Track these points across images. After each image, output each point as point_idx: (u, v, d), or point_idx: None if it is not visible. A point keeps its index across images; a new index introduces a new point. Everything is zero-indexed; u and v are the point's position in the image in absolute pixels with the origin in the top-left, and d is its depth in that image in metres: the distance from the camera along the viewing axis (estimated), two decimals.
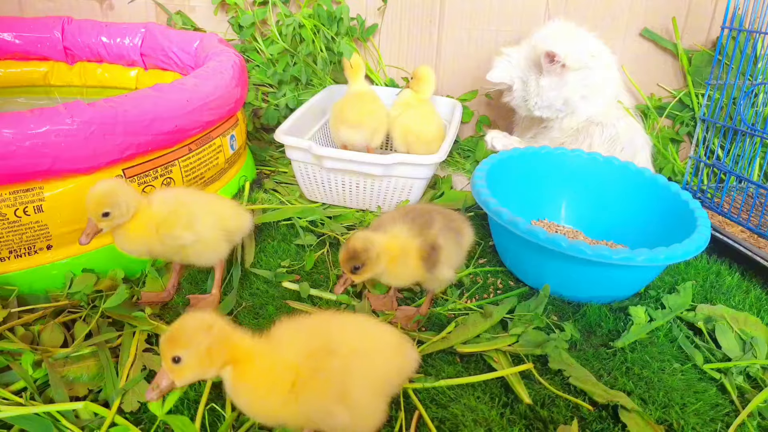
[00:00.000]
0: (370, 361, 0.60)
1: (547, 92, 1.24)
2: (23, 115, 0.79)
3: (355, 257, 0.76)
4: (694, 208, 0.97)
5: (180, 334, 0.55)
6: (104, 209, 0.76)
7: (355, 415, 0.57)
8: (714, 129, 1.32)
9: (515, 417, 0.72)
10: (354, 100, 1.29)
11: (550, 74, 1.22)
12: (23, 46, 1.40)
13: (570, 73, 1.22)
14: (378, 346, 0.62)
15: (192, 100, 0.98)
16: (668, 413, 0.73)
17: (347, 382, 0.57)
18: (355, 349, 0.59)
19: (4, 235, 0.82)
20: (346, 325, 0.63)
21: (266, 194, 1.25)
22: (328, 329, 0.61)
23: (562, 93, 1.23)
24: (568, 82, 1.22)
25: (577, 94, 1.24)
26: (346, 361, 0.57)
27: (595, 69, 1.25)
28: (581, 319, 0.91)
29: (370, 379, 0.59)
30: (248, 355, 0.56)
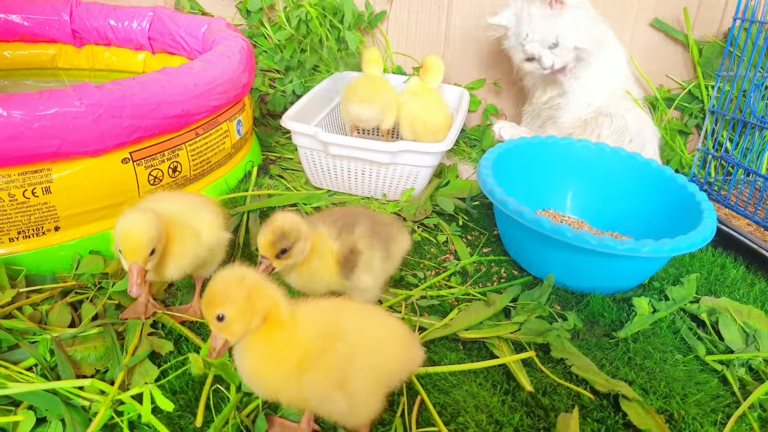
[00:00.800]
0: (376, 352, 0.59)
1: (537, 21, 1.23)
2: (32, 96, 0.80)
3: (285, 237, 0.69)
4: (701, 201, 0.97)
5: (216, 293, 0.55)
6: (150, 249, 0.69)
7: (351, 404, 0.57)
8: (723, 121, 1.31)
9: (516, 404, 0.72)
10: (366, 80, 1.30)
11: (543, 3, 1.22)
12: (31, 28, 1.40)
13: (567, 10, 1.22)
14: (386, 338, 0.62)
15: (199, 84, 0.99)
16: (669, 403, 0.74)
17: (350, 369, 0.57)
18: (364, 338, 0.59)
19: (12, 215, 0.83)
20: (358, 314, 0.63)
21: (272, 180, 1.25)
22: (340, 314, 0.61)
23: (554, 27, 1.23)
24: (563, 18, 1.22)
25: (571, 37, 1.23)
26: (353, 348, 0.57)
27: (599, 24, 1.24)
28: (584, 309, 0.91)
29: (372, 369, 0.59)
30: (277, 315, 0.56)
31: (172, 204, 0.77)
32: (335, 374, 0.56)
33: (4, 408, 0.66)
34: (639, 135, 1.27)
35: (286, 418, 0.68)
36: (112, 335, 0.77)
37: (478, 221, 1.16)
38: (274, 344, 0.56)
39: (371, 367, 0.58)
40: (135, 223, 0.68)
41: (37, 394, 0.66)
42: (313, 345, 0.57)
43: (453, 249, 1.06)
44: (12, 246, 0.85)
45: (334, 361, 0.56)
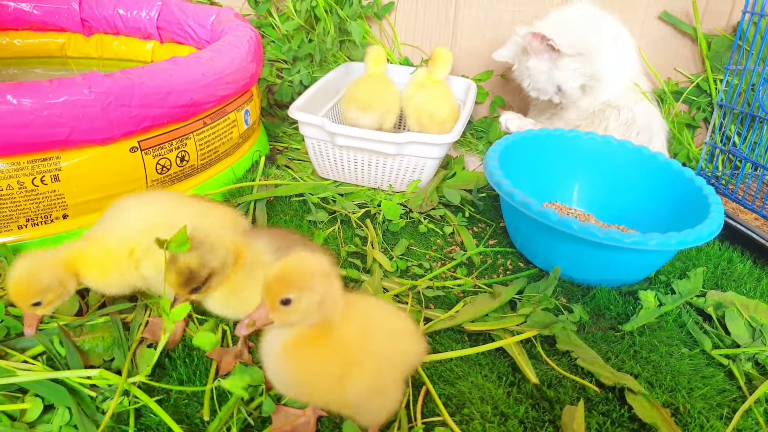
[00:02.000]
0: (395, 346, 0.59)
1: (536, 75, 1.23)
2: (42, 84, 0.80)
3: (193, 278, 0.61)
4: (708, 194, 0.96)
5: (295, 276, 0.51)
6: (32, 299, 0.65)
7: (382, 402, 0.57)
8: (731, 115, 1.31)
9: (522, 396, 0.73)
10: (366, 82, 1.30)
11: (539, 56, 1.21)
12: (41, 17, 1.40)
13: (564, 59, 1.20)
14: (400, 331, 0.61)
15: (207, 74, 0.99)
16: (675, 397, 0.74)
17: (382, 366, 0.56)
18: (386, 332, 0.58)
19: (21, 203, 0.83)
20: (377, 308, 0.61)
21: (279, 170, 1.25)
22: (366, 311, 0.59)
23: (553, 77, 1.23)
24: (562, 69, 1.21)
25: (573, 82, 1.23)
26: (380, 345, 0.56)
27: (600, 58, 1.23)
28: (590, 301, 0.91)
29: (394, 363, 0.58)
30: (333, 319, 0.54)
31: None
32: (374, 377, 0.55)
33: (11, 395, 0.67)
34: (647, 128, 1.26)
35: (291, 406, 0.68)
36: (118, 325, 0.77)
37: (485, 213, 1.16)
38: (325, 349, 0.54)
39: (393, 363, 0.58)
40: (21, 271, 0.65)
41: (43, 384, 0.67)
42: (353, 345, 0.54)
43: (459, 240, 1.06)
44: (20, 233, 0.86)
45: (371, 361, 0.55)
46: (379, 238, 1.04)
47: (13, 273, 0.65)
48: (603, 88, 1.27)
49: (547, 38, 1.17)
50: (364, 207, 1.13)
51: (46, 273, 0.66)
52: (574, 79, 1.22)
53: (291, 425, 0.65)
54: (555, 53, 1.20)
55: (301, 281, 0.51)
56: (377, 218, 1.10)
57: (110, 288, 0.73)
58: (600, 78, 1.25)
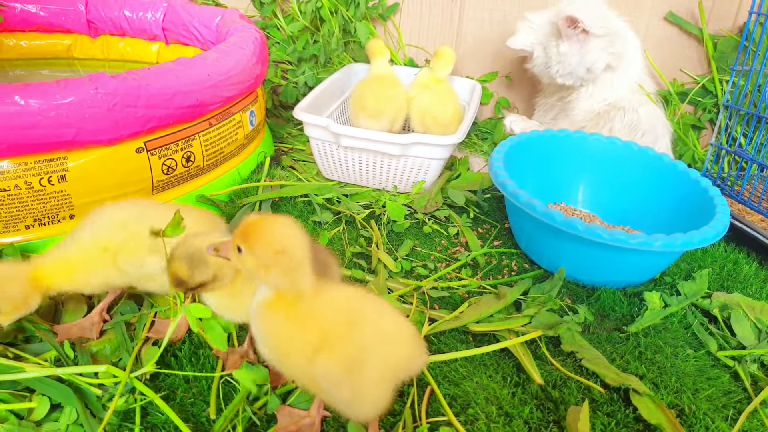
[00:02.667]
0: (387, 347, 0.59)
1: (568, 58, 1.22)
2: (49, 85, 0.80)
3: (182, 284, 0.63)
4: (713, 195, 0.96)
5: (252, 234, 0.55)
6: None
7: (355, 394, 0.57)
8: (737, 116, 1.30)
9: (527, 397, 0.73)
10: (374, 85, 1.28)
11: (570, 40, 1.21)
12: (48, 19, 1.41)
13: (593, 40, 1.20)
14: (397, 334, 0.61)
15: (213, 75, 0.99)
16: (680, 398, 0.74)
17: (363, 359, 0.57)
18: (378, 330, 0.59)
19: (29, 203, 0.84)
20: (375, 305, 0.62)
21: (284, 171, 1.26)
22: (363, 303, 0.61)
23: (584, 60, 1.22)
24: (591, 50, 1.21)
25: (601, 62, 1.22)
26: (367, 339, 0.57)
27: (622, 37, 1.23)
28: (595, 302, 0.91)
29: (382, 362, 0.58)
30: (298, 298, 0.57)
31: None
32: (348, 362, 0.56)
33: (19, 394, 0.67)
34: (652, 129, 1.26)
35: (295, 407, 0.68)
36: (122, 327, 0.78)
37: (489, 214, 1.16)
38: (295, 317, 0.57)
39: (381, 360, 0.58)
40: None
41: (50, 384, 0.67)
42: (333, 329, 0.57)
43: (464, 241, 1.06)
44: (28, 233, 0.86)
45: (349, 348, 0.56)
46: (383, 238, 1.04)
47: None
48: (627, 67, 1.27)
49: (578, 20, 1.17)
50: (369, 208, 1.14)
51: (7, 284, 0.66)
52: (602, 59, 1.22)
53: (296, 425, 0.66)
54: (584, 35, 1.20)
55: (253, 242, 0.55)
56: (382, 219, 1.10)
57: (88, 287, 0.73)
58: (623, 56, 1.25)
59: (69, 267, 0.71)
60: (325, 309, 0.58)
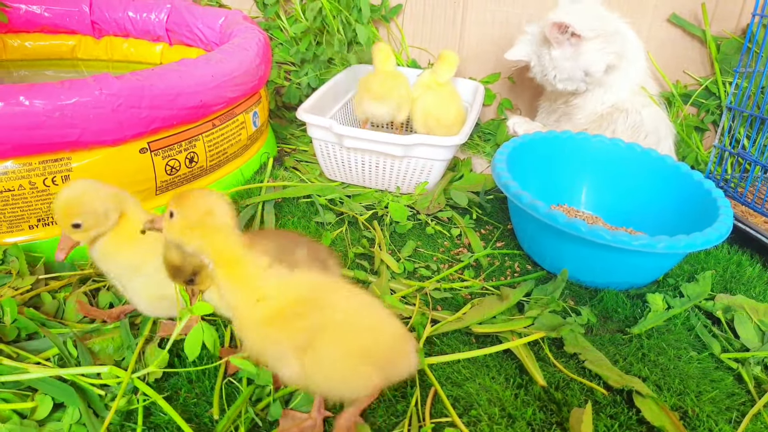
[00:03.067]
0: (355, 331, 0.60)
1: (561, 63, 1.23)
2: (53, 86, 0.81)
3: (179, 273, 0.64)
4: (717, 197, 0.96)
5: (183, 197, 0.59)
6: (74, 220, 0.67)
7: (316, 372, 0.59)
8: (740, 118, 1.30)
9: (529, 398, 0.72)
10: (380, 75, 1.29)
11: (561, 45, 1.21)
12: (52, 20, 1.41)
13: (586, 43, 1.20)
14: (372, 323, 0.62)
15: (217, 75, 0.99)
16: (683, 400, 0.73)
17: (318, 339, 0.58)
18: (349, 318, 0.61)
19: (33, 203, 0.84)
20: (349, 297, 0.63)
21: (287, 172, 1.26)
22: (331, 291, 0.62)
23: (579, 63, 1.22)
24: (585, 52, 1.21)
25: (600, 63, 1.22)
26: (330, 322, 0.59)
27: (622, 35, 1.23)
28: (598, 304, 0.91)
29: (345, 344, 0.60)
30: (233, 259, 0.59)
31: None
32: (297, 338, 0.59)
33: (22, 393, 0.67)
34: (655, 131, 1.26)
35: (297, 410, 0.68)
36: (126, 325, 0.78)
37: (492, 215, 1.16)
38: (237, 280, 0.59)
39: (344, 343, 0.60)
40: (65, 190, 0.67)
41: (52, 383, 0.67)
42: (286, 306, 0.59)
43: (467, 242, 1.06)
44: (32, 233, 0.87)
45: (300, 325, 0.59)
46: (386, 239, 1.04)
47: (63, 192, 0.67)
48: (629, 67, 1.27)
49: (566, 25, 1.17)
50: (372, 209, 1.14)
51: (95, 198, 0.68)
52: (600, 60, 1.22)
53: (298, 428, 0.66)
54: (575, 39, 1.20)
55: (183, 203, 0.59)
56: (384, 220, 1.10)
57: None
58: (625, 55, 1.24)
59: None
60: (281, 286, 0.60)
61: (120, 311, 0.80)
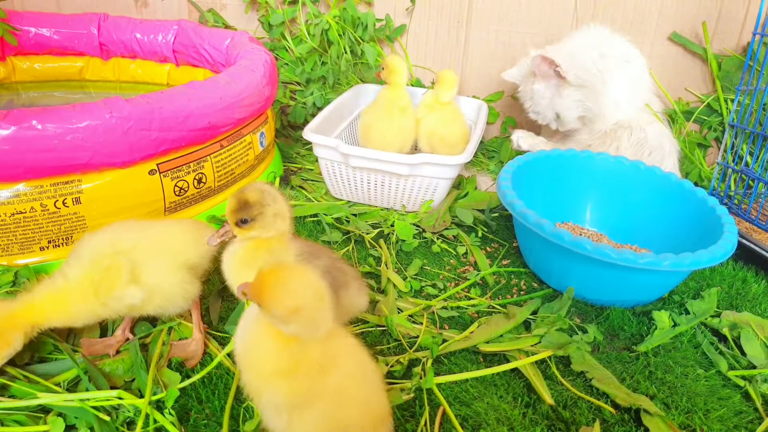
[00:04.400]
0: (344, 404, 0.57)
1: (537, 98, 1.25)
2: (65, 110, 0.82)
3: (245, 208, 0.68)
4: (721, 214, 0.97)
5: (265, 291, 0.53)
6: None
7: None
8: (743, 135, 1.31)
9: (537, 417, 0.73)
10: (381, 114, 1.28)
11: (546, 80, 1.23)
12: (61, 42, 1.43)
13: (567, 88, 1.22)
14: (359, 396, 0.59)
15: (225, 97, 1.01)
16: (691, 419, 0.74)
17: (311, 402, 0.56)
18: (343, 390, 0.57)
19: (44, 225, 0.85)
20: (360, 366, 0.60)
21: (293, 191, 1.27)
22: (336, 351, 0.58)
23: (554, 104, 1.25)
24: (564, 96, 1.23)
25: (571, 112, 1.25)
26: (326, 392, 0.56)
27: (603, 96, 1.24)
28: (604, 322, 0.92)
29: (331, 416, 0.57)
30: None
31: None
32: (296, 398, 0.55)
33: (34, 414, 0.68)
34: (659, 148, 1.27)
35: None
36: (136, 347, 0.78)
37: (498, 233, 1.16)
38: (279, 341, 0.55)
39: (330, 418, 0.57)
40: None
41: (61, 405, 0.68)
42: (304, 366, 0.55)
43: (473, 261, 1.07)
44: (43, 254, 0.88)
45: (305, 387, 0.55)
46: (392, 258, 1.04)
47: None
48: (600, 122, 1.29)
49: (555, 63, 1.19)
50: (378, 227, 1.14)
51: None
52: (573, 109, 1.25)
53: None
54: (561, 80, 1.21)
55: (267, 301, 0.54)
56: (391, 238, 1.11)
57: (77, 321, 0.72)
58: (598, 114, 1.26)
59: (60, 301, 0.70)
60: (311, 343, 0.56)
61: (119, 340, 0.78)
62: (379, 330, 0.86)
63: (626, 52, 1.27)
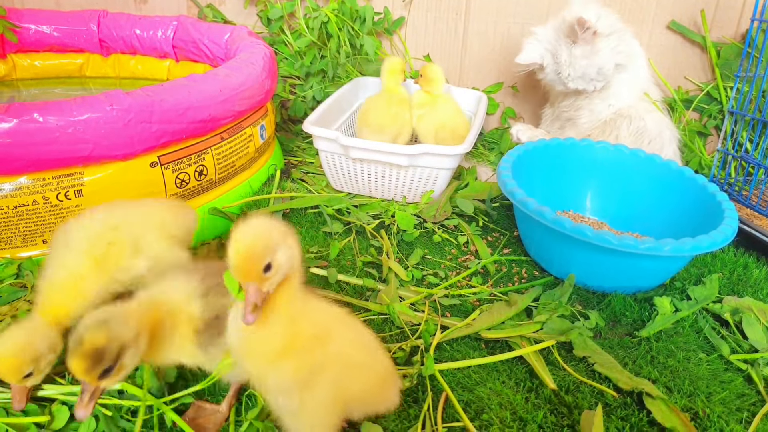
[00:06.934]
0: (349, 375, 0.58)
1: (579, 61, 1.23)
2: (66, 103, 0.83)
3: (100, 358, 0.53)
4: (721, 200, 0.97)
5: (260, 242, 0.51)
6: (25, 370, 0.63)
7: (302, 410, 0.57)
8: (743, 122, 1.31)
9: (540, 401, 0.73)
10: (379, 102, 1.30)
11: (584, 42, 1.21)
12: (61, 39, 1.44)
13: (602, 40, 1.21)
14: (365, 366, 0.61)
15: (225, 90, 1.01)
16: (693, 401, 0.74)
17: (318, 377, 0.56)
18: (344, 356, 0.58)
19: (47, 218, 0.85)
20: (350, 332, 0.61)
21: (294, 183, 1.27)
22: (335, 324, 0.60)
23: (594, 61, 1.23)
24: (601, 50, 1.22)
25: (611, 62, 1.23)
26: (329, 359, 0.57)
27: (627, 34, 1.25)
28: (606, 308, 0.92)
29: (338, 389, 0.57)
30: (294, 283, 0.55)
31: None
32: (303, 374, 0.55)
33: (39, 403, 0.68)
34: (659, 136, 1.27)
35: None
36: None
37: (498, 222, 1.17)
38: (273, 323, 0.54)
39: (338, 387, 0.58)
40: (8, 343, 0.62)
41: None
42: (301, 340, 0.55)
43: (474, 250, 1.07)
44: (45, 247, 0.88)
45: (308, 361, 0.56)
46: (393, 248, 1.05)
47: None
48: (636, 66, 1.28)
49: (586, 22, 1.18)
50: (379, 218, 1.15)
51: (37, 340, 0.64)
52: (613, 58, 1.23)
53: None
54: (593, 37, 1.21)
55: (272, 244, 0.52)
56: (392, 229, 1.11)
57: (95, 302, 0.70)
58: (632, 54, 1.26)
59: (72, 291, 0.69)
60: (301, 316, 0.56)
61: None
62: (381, 318, 0.87)
63: (633, 46, 1.27)
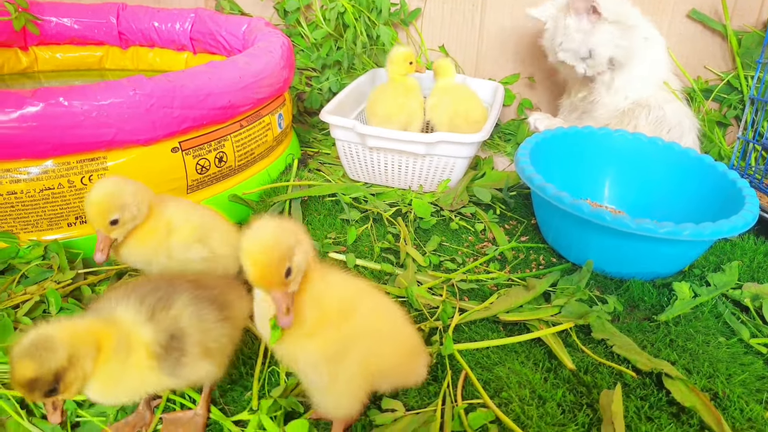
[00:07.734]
0: (376, 348, 0.59)
1: (572, 33, 1.23)
2: (91, 87, 0.84)
3: (34, 387, 0.50)
4: (742, 187, 0.96)
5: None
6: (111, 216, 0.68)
7: (332, 386, 0.57)
8: (764, 110, 1.30)
9: (559, 381, 0.73)
10: (386, 92, 1.28)
11: (579, 14, 1.21)
12: (81, 31, 1.46)
13: (603, 24, 1.21)
14: (391, 336, 0.61)
15: (244, 77, 1.02)
16: (713, 383, 0.74)
17: (346, 350, 0.57)
18: (370, 329, 0.59)
19: (71, 201, 0.87)
20: (375, 303, 0.62)
21: (311, 173, 1.28)
22: (361, 298, 0.60)
23: (588, 41, 1.22)
24: (598, 32, 1.22)
25: (605, 50, 1.23)
26: (356, 333, 0.57)
27: (637, 31, 1.23)
28: (624, 293, 0.92)
29: (365, 363, 0.58)
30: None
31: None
32: (332, 350, 0.56)
33: None
34: (678, 126, 1.26)
35: None
36: None
37: (515, 210, 1.17)
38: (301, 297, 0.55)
39: (367, 359, 0.58)
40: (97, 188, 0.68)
41: None
42: (327, 317, 0.56)
43: (491, 237, 1.07)
44: (70, 230, 0.90)
45: (336, 337, 0.56)
46: (411, 235, 1.05)
47: (95, 191, 0.67)
48: (629, 71, 1.27)
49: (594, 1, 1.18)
50: (395, 206, 1.15)
51: (126, 191, 0.69)
52: (607, 47, 1.23)
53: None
54: (595, 16, 1.21)
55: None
56: (409, 216, 1.11)
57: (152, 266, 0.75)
58: (630, 56, 1.25)
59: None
60: (325, 293, 0.57)
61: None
62: (399, 301, 0.87)
63: (637, 26, 1.26)
